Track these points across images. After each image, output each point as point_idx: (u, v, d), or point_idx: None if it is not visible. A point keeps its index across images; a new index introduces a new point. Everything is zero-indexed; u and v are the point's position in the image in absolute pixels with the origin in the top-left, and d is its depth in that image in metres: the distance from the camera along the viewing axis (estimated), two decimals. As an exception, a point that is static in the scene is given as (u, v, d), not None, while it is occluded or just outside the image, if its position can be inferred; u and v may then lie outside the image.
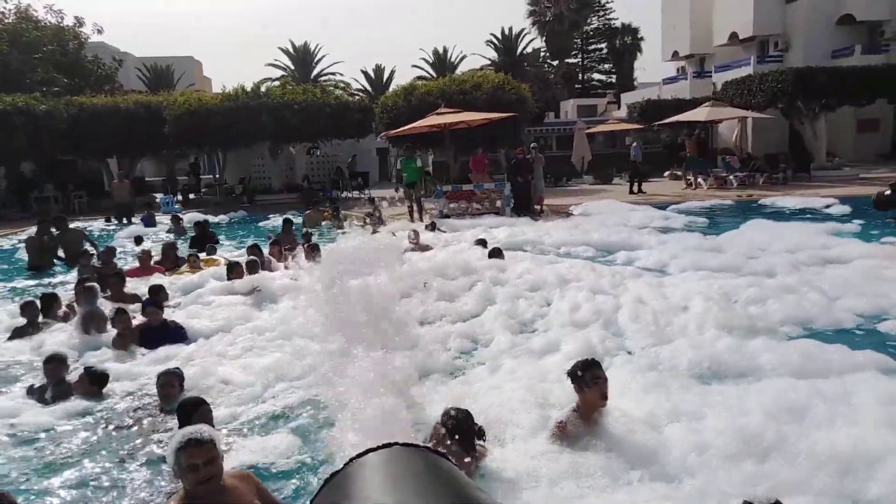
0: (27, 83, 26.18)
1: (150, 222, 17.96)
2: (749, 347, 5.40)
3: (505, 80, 23.66)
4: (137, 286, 8.84)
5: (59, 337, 6.82)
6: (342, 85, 47.30)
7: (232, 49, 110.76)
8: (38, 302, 7.52)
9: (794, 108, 23.67)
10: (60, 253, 11.76)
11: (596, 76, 54.64)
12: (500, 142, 23.35)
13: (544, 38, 50.49)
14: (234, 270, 8.90)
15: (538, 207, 16.23)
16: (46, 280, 10.75)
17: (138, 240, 13.53)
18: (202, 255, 10.91)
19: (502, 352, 5.97)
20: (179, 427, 4.16)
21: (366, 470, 1.16)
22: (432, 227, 13.27)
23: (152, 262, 10.40)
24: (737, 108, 23.49)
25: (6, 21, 28.21)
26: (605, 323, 6.54)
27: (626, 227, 13.10)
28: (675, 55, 36.93)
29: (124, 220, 18.98)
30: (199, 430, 2.99)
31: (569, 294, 7.48)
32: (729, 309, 6.56)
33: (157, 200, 24.45)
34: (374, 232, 13.67)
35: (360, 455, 1.29)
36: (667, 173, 25.92)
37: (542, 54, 52.65)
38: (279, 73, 50.36)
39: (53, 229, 12.06)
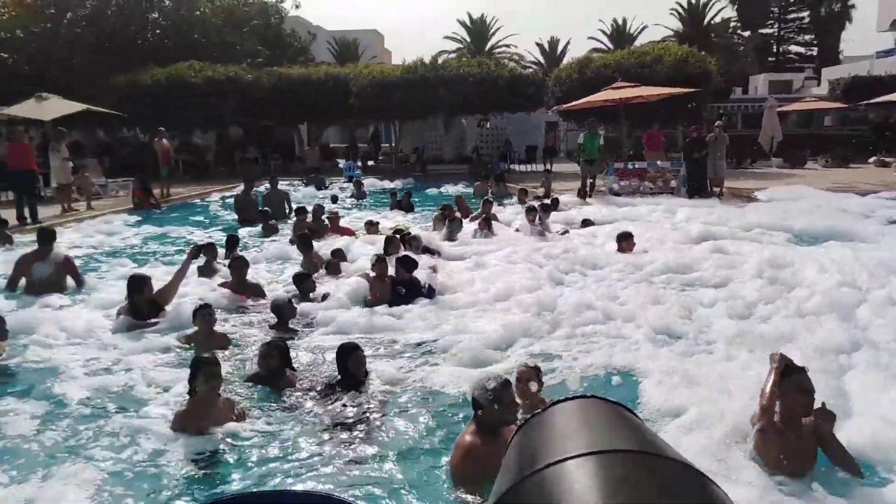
0: (236, 55, 29.16)
1: (319, 186, 19.34)
2: None
3: (689, 53, 22.35)
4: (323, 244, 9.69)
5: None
6: (516, 58, 47.33)
7: (412, 22, 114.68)
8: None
9: None
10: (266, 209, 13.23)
11: (793, 48, 49.52)
12: (678, 118, 22.20)
13: (735, 7, 46.62)
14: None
15: (717, 190, 15.31)
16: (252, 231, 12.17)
17: (334, 199, 14.77)
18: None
19: (729, 338, 5.65)
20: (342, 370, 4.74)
21: (559, 412, 1.37)
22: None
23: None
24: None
25: (223, -1, 31.55)
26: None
27: (836, 211, 11.68)
28: (895, 24, 32.40)
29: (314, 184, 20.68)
30: None
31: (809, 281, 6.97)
32: None
33: (340, 166, 26.34)
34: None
35: (558, 402, 1.49)
36: (872, 159, 23.07)
37: (732, 24, 48.69)
38: (455, 45, 51.49)
39: (266, 186, 13.69)
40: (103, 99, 21.18)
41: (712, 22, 47.73)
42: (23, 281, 7.58)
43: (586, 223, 11.57)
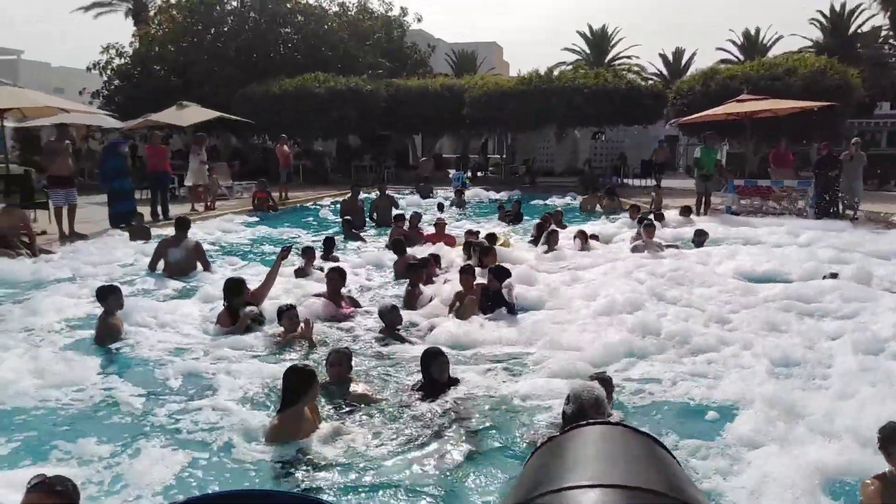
0: (359, 67, 30.37)
1: (425, 195, 19.60)
2: None
3: (827, 64, 20.68)
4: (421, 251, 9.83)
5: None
6: (636, 69, 45.90)
7: (532, 35, 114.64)
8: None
9: None
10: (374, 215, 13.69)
11: (958, 58, 44.35)
12: (812, 134, 20.57)
13: (888, 14, 42.44)
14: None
15: (851, 212, 14.01)
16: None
17: (440, 207, 15.04)
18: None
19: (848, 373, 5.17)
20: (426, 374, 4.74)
21: (579, 438, 1.25)
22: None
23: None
24: None
25: (350, 14, 32.97)
26: None
27: None
28: None
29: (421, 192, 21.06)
30: None
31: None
32: None
33: (450, 175, 26.65)
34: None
35: (580, 425, 1.39)
36: None
37: (882, 33, 44.41)
38: (574, 57, 50.74)
39: (375, 193, 14.18)
40: (237, 108, 22.80)
41: (859, 31, 43.81)
42: (161, 263, 8.53)
43: (700, 235, 10.86)
